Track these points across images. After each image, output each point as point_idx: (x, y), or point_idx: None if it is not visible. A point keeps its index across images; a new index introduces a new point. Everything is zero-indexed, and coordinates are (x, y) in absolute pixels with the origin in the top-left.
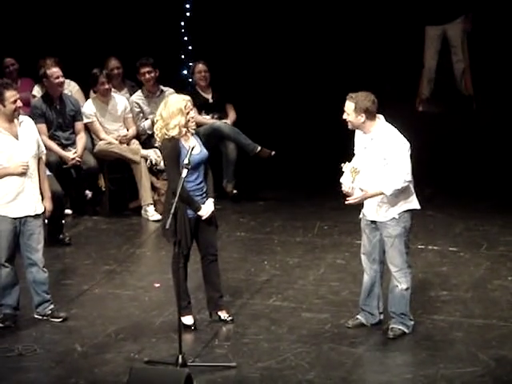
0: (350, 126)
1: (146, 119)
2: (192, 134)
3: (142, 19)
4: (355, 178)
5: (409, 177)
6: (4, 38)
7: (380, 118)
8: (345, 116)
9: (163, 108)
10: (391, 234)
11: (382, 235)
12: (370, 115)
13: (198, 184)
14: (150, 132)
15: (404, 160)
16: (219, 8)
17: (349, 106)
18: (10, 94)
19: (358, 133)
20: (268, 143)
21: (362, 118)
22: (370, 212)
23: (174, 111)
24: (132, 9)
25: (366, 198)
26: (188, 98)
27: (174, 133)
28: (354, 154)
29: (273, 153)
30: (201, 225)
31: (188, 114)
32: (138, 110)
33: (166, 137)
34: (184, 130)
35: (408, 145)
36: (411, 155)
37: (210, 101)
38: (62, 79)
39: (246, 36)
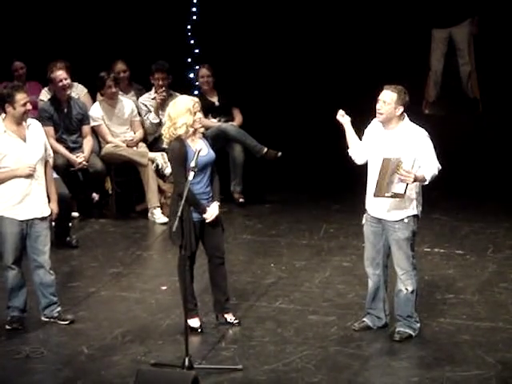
0: (380, 118)
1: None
2: (200, 137)
3: (148, 23)
4: (394, 175)
5: (440, 165)
6: (12, 42)
7: (405, 116)
8: (379, 105)
9: (171, 107)
10: (400, 238)
11: (388, 239)
12: (404, 110)
13: (204, 187)
14: (154, 121)
15: (433, 151)
16: (226, 11)
17: (390, 95)
18: (21, 97)
19: (374, 127)
20: (274, 145)
21: (399, 112)
22: (378, 210)
23: (181, 110)
24: (139, 12)
25: (414, 181)
26: (197, 99)
27: (181, 131)
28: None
29: (279, 154)
30: (207, 228)
31: (195, 114)
32: (146, 109)
33: (173, 135)
34: (191, 129)
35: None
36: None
37: (217, 104)
38: (65, 82)
39: (253, 39)
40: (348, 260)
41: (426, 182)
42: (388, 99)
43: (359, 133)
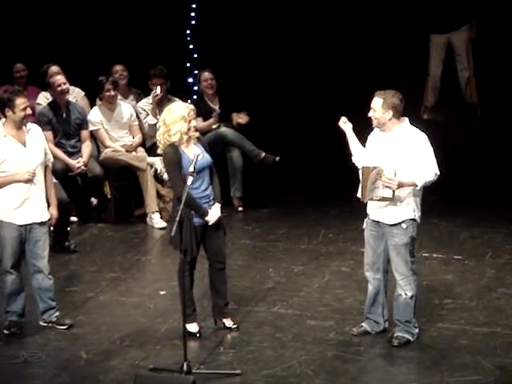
0: (374, 124)
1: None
2: (194, 143)
3: (147, 27)
4: (377, 181)
5: (438, 170)
6: (14, 46)
7: (405, 120)
8: (371, 113)
9: (166, 113)
10: (398, 243)
11: (387, 244)
12: (397, 113)
13: (203, 191)
14: (152, 122)
15: (432, 155)
16: (225, 16)
17: (377, 101)
18: (20, 101)
19: (374, 133)
20: (273, 150)
21: (389, 115)
22: (376, 213)
23: (176, 118)
24: (138, 17)
25: (399, 187)
26: (192, 106)
27: (174, 139)
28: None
29: (277, 158)
30: (209, 232)
31: (190, 121)
32: (145, 113)
33: (167, 142)
34: (185, 137)
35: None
36: None
37: (218, 111)
38: (64, 87)
39: (252, 43)
40: (346, 265)
41: (418, 188)
42: (375, 105)
43: (359, 137)
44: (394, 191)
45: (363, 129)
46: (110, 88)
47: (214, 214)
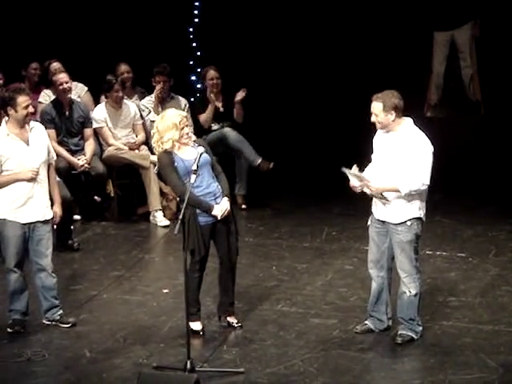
0: (378, 127)
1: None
2: (191, 145)
3: (150, 25)
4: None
5: (428, 181)
6: (22, 45)
7: (407, 119)
8: (373, 118)
9: (159, 121)
10: (402, 241)
11: (391, 241)
12: (399, 113)
13: (205, 188)
14: (153, 119)
15: (427, 163)
16: (228, 14)
17: (377, 106)
18: (23, 100)
19: (378, 134)
20: (275, 149)
21: (392, 116)
22: (381, 212)
23: (168, 125)
24: (141, 15)
25: (381, 191)
26: (185, 114)
27: (167, 146)
28: (362, 159)
29: (271, 165)
30: (218, 231)
31: (182, 129)
32: (148, 110)
33: (161, 149)
34: (177, 144)
35: (432, 149)
36: None
37: (221, 110)
38: (66, 86)
39: (255, 42)
40: (350, 263)
41: (402, 194)
42: (376, 110)
43: (361, 137)
44: (381, 193)
45: (365, 127)
46: (119, 89)
47: (221, 207)
